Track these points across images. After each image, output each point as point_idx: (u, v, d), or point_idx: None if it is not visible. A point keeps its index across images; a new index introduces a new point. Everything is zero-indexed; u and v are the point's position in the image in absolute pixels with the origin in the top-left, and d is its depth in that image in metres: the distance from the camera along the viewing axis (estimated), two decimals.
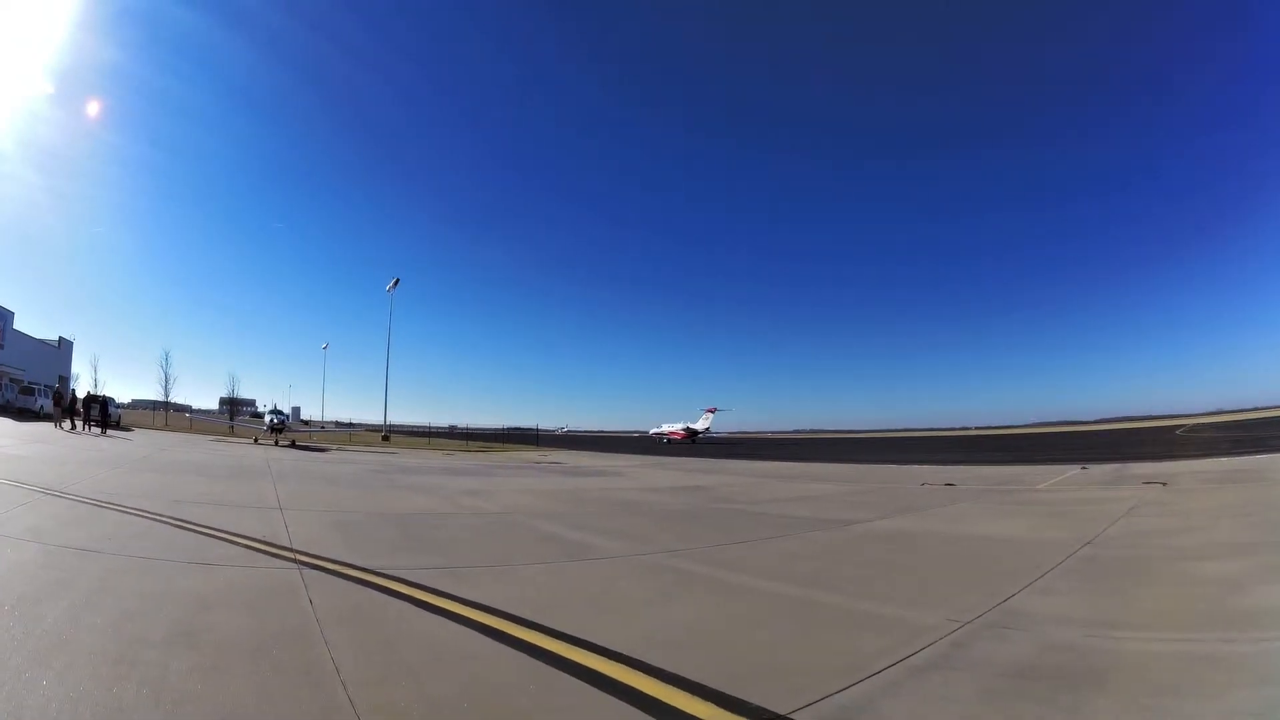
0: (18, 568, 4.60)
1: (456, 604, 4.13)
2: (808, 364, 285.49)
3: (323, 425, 55.89)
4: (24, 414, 35.83)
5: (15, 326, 48.92)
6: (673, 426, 65.96)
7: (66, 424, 27.68)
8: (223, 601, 3.97)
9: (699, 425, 63.95)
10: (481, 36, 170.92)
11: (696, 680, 2.86)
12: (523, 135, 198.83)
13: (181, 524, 6.46)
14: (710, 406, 65.27)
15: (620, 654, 3.21)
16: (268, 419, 30.88)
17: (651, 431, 71.93)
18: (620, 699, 2.67)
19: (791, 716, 2.53)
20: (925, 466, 20.96)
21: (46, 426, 27.12)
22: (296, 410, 65.58)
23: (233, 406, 68.89)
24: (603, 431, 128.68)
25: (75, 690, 2.62)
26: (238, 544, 5.69)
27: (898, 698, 2.71)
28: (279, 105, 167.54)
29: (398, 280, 51.70)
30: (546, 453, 32.79)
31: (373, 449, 30.02)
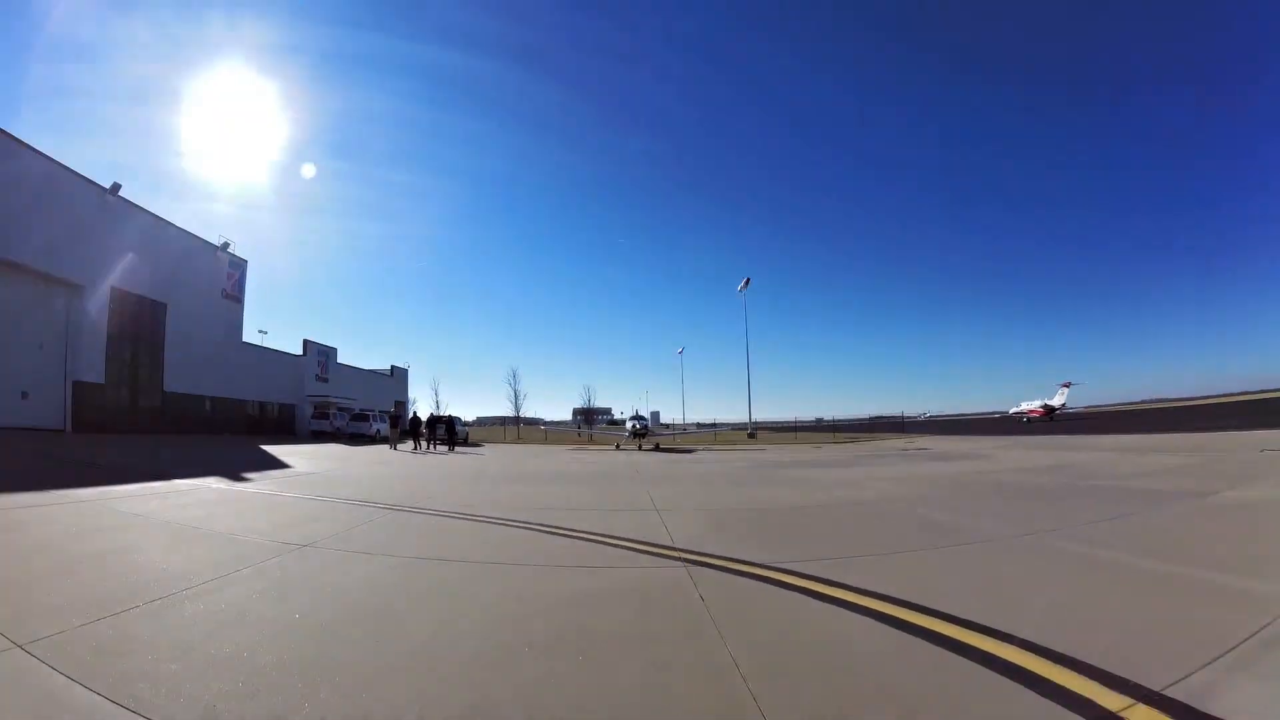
0: (373, 580, 4.62)
1: (845, 591, 4.25)
2: (1147, 332, 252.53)
3: (684, 428, 58.68)
4: (357, 439, 38.54)
5: (343, 361, 57.45)
6: (1031, 405, 66.79)
7: (407, 445, 29.46)
8: (608, 600, 4.06)
9: (1056, 401, 64.23)
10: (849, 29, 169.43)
11: (1078, 658, 3.10)
12: (876, 125, 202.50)
13: (552, 530, 6.71)
14: (1065, 381, 65.11)
15: (1004, 633, 3.44)
16: (629, 425, 32.93)
17: (1011, 411, 73.03)
18: (1016, 680, 2.89)
19: (1164, 693, 2.75)
20: (1265, 432, 21.26)
21: (383, 449, 28.77)
22: (656, 415, 69.20)
23: (587, 415, 74.45)
24: (962, 414, 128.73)
25: (439, 693, 2.66)
26: (616, 546, 5.84)
27: (1258, 674, 3.00)
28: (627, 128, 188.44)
29: (749, 280, 54.55)
30: (912, 439, 34.07)
31: (738, 447, 31.14)
